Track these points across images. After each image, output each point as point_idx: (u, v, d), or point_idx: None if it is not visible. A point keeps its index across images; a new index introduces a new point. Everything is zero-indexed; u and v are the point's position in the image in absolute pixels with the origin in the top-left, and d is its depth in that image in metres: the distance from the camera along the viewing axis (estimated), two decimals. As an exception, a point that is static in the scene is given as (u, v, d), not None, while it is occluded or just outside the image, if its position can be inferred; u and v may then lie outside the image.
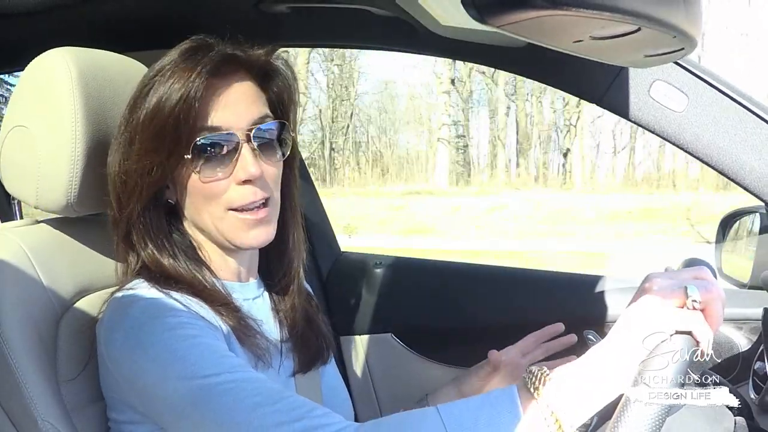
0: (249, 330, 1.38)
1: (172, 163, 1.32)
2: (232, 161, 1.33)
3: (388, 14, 1.69)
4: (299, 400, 1.20)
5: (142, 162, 1.32)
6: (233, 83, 1.35)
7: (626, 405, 1.10)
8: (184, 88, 1.28)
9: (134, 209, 1.35)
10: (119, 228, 1.38)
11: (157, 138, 1.30)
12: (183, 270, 1.38)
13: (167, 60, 1.34)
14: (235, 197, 1.35)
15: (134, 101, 1.35)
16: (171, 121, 1.29)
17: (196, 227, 1.42)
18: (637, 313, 1.15)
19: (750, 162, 1.47)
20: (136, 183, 1.33)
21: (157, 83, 1.31)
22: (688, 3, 0.94)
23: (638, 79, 1.53)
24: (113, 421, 1.36)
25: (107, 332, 1.29)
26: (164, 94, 1.29)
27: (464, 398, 1.19)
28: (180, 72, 1.30)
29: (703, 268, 1.21)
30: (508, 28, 0.88)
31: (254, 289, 1.52)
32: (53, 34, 1.50)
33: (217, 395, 1.17)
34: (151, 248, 1.38)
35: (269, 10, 1.77)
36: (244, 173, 1.33)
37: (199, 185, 1.34)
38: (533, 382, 1.15)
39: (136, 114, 1.33)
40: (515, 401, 1.13)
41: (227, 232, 1.37)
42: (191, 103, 1.28)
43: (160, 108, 1.29)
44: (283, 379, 1.46)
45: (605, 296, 2.17)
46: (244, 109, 1.35)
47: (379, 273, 2.45)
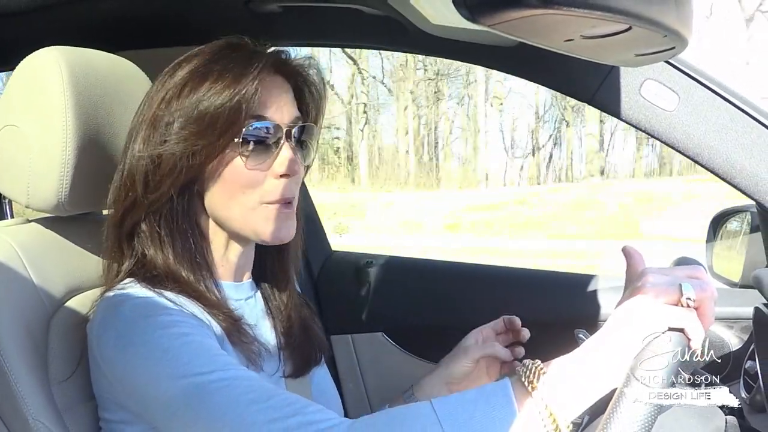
0: (244, 335, 1.38)
1: (218, 146, 1.33)
2: (272, 154, 1.36)
3: (379, 13, 1.69)
4: (292, 397, 1.19)
5: (185, 144, 1.32)
6: (278, 84, 1.38)
7: (618, 402, 1.10)
8: (241, 82, 1.30)
9: (166, 193, 1.34)
10: (132, 215, 1.37)
11: (206, 123, 1.31)
12: (185, 268, 1.37)
13: (206, 54, 1.36)
14: (271, 190, 1.36)
15: (172, 91, 1.34)
16: (226, 109, 1.30)
17: (216, 219, 1.42)
18: (633, 308, 1.16)
19: (740, 161, 1.48)
20: (174, 165, 1.33)
21: (202, 74, 1.33)
22: (678, 2, 0.94)
23: (629, 78, 1.54)
24: (105, 420, 1.35)
25: (99, 332, 1.28)
26: (214, 84, 1.31)
27: (459, 392, 1.19)
28: (231, 65, 1.32)
29: (698, 267, 1.22)
30: (499, 27, 0.88)
31: (247, 290, 1.51)
32: (44, 34, 1.50)
33: (210, 393, 1.17)
34: (164, 240, 1.37)
35: (260, 9, 1.77)
36: (283, 167, 1.35)
37: (242, 172, 1.35)
38: (527, 375, 1.15)
39: (174, 103, 1.33)
40: (509, 395, 1.13)
41: (257, 224, 1.38)
42: (250, 95, 1.30)
43: (210, 97, 1.31)
44: (274, 381, 1.45)
45: (598, 295, 2.17)
46: (286, 107, 1.38)
47: (370, 272, 2.45)
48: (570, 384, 1.13)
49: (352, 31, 1.91)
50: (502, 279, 2.44)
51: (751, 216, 2.09)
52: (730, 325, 1.99)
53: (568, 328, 1.47)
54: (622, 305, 1.18)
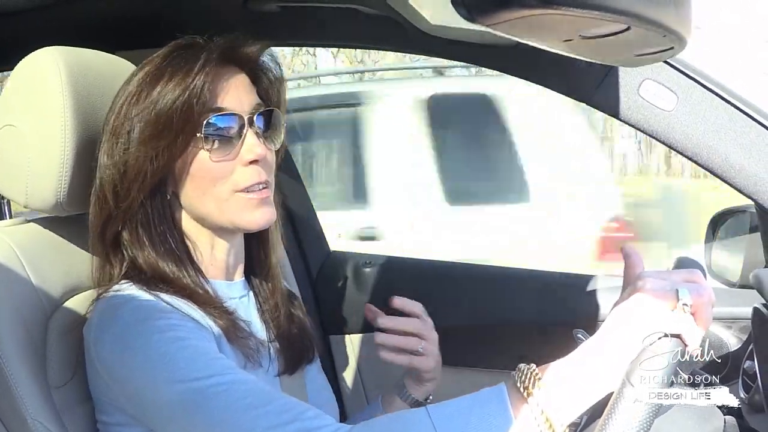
0: (240, 331, 1.38)
1: (179, 144, 1.33)
2: (238, 143, 1.36)
3: (377, 13, 1.69)
4: (291, 402, 1.20)
5: (146, 148, 1.32)
6: (231, 73, 1.38)
7: (617, 403, 1.10)
8: (189, 77, 1.31)
9: (135, 199, 1.35)
10: (111, 227, 1.38)
11: (162, 122, 1.32)
12: (176, 270, 1.37)
13: (158, 59, 1.37)
14: (241, 178, 1.36)
15: (128, 99, 1.35)
16: (178, 106, 1.31)
17: (194, 217, 1.42)
18: (629, 312, 1.16)
19: (739, 161, 1.48)
20: (139, 170, 1.33)
21: (154, 77, 1.34)
22: (677, 2, 0.94)
23: (628, 78, 1.53)
24: (102, 423, 1.35)
25: (96, 335, 1.28)
26: (165, 85, 1.32)
27: (455, 398, 1.20)
28: (181, 63, 1.33)
29: (695, 271, 1.21)
30: (497, 27, 0.88)
31: (240, 289, 1.52)
32: (42, 34, 1.50)
33: (208, 398, 1.17)
34: (147, 244, 1.37)
35: (258, 8, 1.77)
36: (251, 154, 1.36)
37: (208, 166, 1.35)
38: (522, 380, 1.15)
39: (132, 109, 1.34)
40: (505, 401, 1.13)
41: (233, 214, 1.38)
42: (199, 89, 1.31)
43: (163, 97, 1.32)
44: (270, 378, 1.45)
45: (596, 295, 2.17)
46: (244, 96, 1.39)
47: (368, 272, 2.44)
48: (566, 388, 1.13)
49: (351, 31, 1.91)
50: (501, 279, 2.44)
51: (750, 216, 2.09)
52: (728, 325, 1.99)
53: (567, 328, 1.47)
54: (619, 308, 1.18)
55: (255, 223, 1.40)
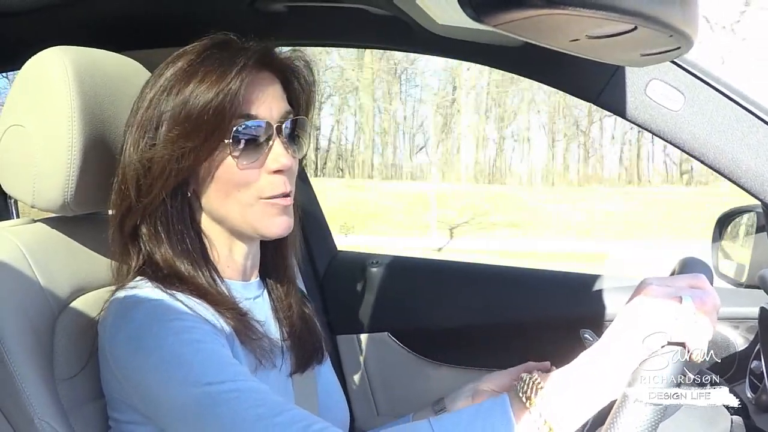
0: (253, 332, 1.38)
1: (207, 148, 1.33)
2: (264, 151, 1.36)
3: (385, 13, 1.69)
4: (301, 414, 1.20)
5: (173, 147, 1.32)
6: (265, 80, 1.38)
7: (622, 406, 1.10)
8: (225, 79, 1.30)
9: (157, 196, 1.35)
10: (130, 219, 1.38)
11: (192, 123, 1.31)
12: (191, 268, 1.38)
13: (193, 54, 1.36)
14: (266, 186, 1.36)
15: (159, 92, 1.35)
16: (210, 108, 1.30)
17: (214, 218, 1.42)
18: (632, 319, 1.16)
19: (746, 161, 1.48)
20: (164, 168, 1.33)
21: (188, 74, 1.33)
22: (684, 2, 0.94)
23: (634, 77, 1.53)
24: (114, 420, 1.35)
25: (111, 333, 1.28)
26: (199, 84, 1.31)
27: (457, 410, 1.20)
28: (216, 63, 1.32)
29: (700, 276, 1.21)
30: (504, 27, 0.88)
31: (255, 289, 1.51)
32: (49, 34, 1.50)
33: (220, 404, 1.17)
34: (164, 241, 1.37)
35: (265, 8, 1.78)
36: (277, 163, 1.36)
37: (234, 172, 1.35)
38: (525, 390, 1.16)
39: (162, 104, 1.34)
40: (508, 412, 1.14)
41: (255, 220, 1.38)
42: (234, 93, 1.30)
43: (195, 97, 1.31)
44: (283, 378, 1.46)
45: (603, 295, 2.17)
46: (275, 103, 1.38)
47: (375, 272, 2.45)
48: (569, 395, 1.14)
49: (358, 31, 1.91)
50: (508, 279, 2.44)
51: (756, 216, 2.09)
52: (735, 325, 1.99)
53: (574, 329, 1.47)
54: (623, 314, 1.18)
55: (275, 231, 1.40)
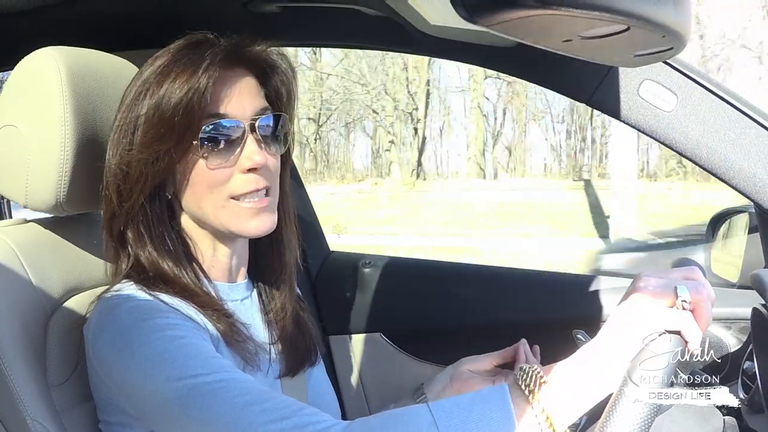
0: (239, 335, 1.37)
1: (179, 150, 1.32)
2: (237, 150, 1.34)
3: (378, 14, 1.69)
4: (288, 400, 1.19)
5: (148, 150, 1.31)
6: (237, 76, 1.36)
7: (617, 403, 1.10)
8: (194, 78, 1.29)
9: (137, 200, 1.34)
10: (115, 224, 1.37)
11: (165, 126, 1.30)
12: (176, 270, 1.37)
13: (168, 54, 1.35)
14: (238, 185, 1.35)
15: (136, 95, 1.34)
16: (180, 109, 1.29)
17: (194, 219, 1.41)
18: (628, 312, 1.16)
19: (739, 161, 1.48)
20: (141, 172, 1.32)
21: (162, 75, 1.31)
22: (677, 2, 0.94)
23: (627, 78, 1.54)
24: (104, 422, 1.35)
25: (94, 334, 1.28)
26: (171, 84, 1.30)
27: (456, 395, 1.19)
28: (187, 63, 1.31)
29: (693, 268, 1.21)
30: (497, 28, 0.88)
31: (243, 290, 1.51)
32: (42, 34, 1.50)
33: (205, 395, 1.17)
34: (148, 244, 1.37)
35: (258, 9, 1.77)
36: (249, 161, 1.34)
37: (204, 172, 1.34)
38: (525, 380, 1.15)
39: (138, 106, 1.33)
40: (506, 399, 1.13)
41: (228, 221, 1.37)
42: (201, 92, 1.29)
43: (167, 98, 1.29)
44: (270, 381, 1.45)
45: (597, 296, 2.17)
46: (247, 100, 1.36)
47: (368, 272, 2.44)
48: (569, 389, 1.13)
49: (351, 31, 1.91)
50: (501, 279, 2.44)
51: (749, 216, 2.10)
52: (728, 326, 1.99)
53: (568, 329, 1.47)
54: (619, 308, 1.18)
55: (250, 231, 1.39)
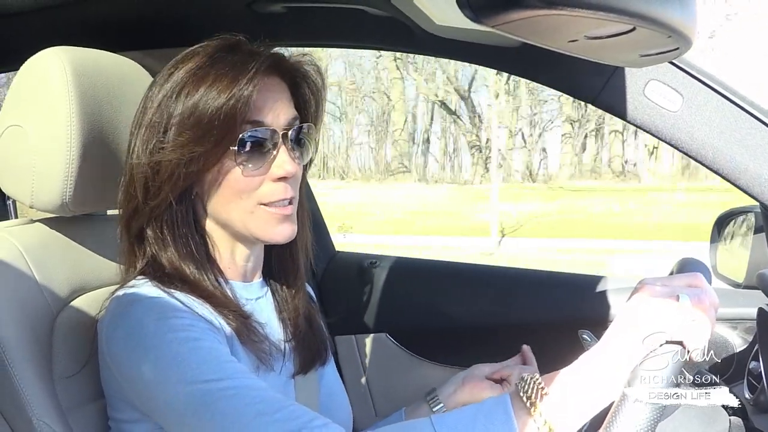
0: (254, 334, 1.38)
1: (215, 154, 1.32)
2: (269, 158, 1.35)
3: (383, 14, 1.69)
4: (300, 410, 1.19)
5: (181, 151, 1.31)
6: (274, 84, 1.37)
7: (620, 408, 1.10)
8: (235, 84, 1.29)
9: (165, 199, 1.34)
10: (136, 221, 1.37)
11: (201, 129, 1.30)
12: (197, 273, 1.37)
13: (203, 56, 1.34)
14: (268, 193, 1.36)
15: (169, 94, 1.33)
16: (221, 114, 1.29)
17: (217, 222, 1.41)
18: (632, 318, 1.15)
19: (744, 162, 1.48)
20: (172, 172, 1.32)
21: (198, 77, 1.31)
22: (683, 2, 0.94)
23: (633, 78, 1.53)
24: (113, 420, 1.36)
25: (109, 331, 1.28)
26: (210, 88, 1.30)
27: (458, 408, 1.20)
28: (227, 67, 1.31)
29: (697, 275, 1.21)
30: (502, 28, 0.88)
31: (257, 290, 1.51)
32: (48, 34, 1.50)
33: (217, 401, 1.17)
34: (170, 245, 1.37)
35: (263, 10, 1.77)
36: (282, 170, 1.35)
37: (237, 178, 1.34)
38: (526, 391, 1.15)
39: (171, 107, 1.32)
40: (509, 412, 1.14)
41: (255, 227, 1.37)
42: (245, 100, 1.29)
43: (204, 101, 1.29)
44: (284, 380, 1.45)
45: (603, 296, 2.17)
46: (281, 109, 1.37)
47: (374, 273, 2.45)
48: (570, 398, 1.14)
49: (356, 31, 1.91)
50: (506, 280, 2.44)
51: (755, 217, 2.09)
52: (733, 326, 1.99)
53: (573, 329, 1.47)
54: (621, 315, 1.18)
55: (275, 237, 1.39)
